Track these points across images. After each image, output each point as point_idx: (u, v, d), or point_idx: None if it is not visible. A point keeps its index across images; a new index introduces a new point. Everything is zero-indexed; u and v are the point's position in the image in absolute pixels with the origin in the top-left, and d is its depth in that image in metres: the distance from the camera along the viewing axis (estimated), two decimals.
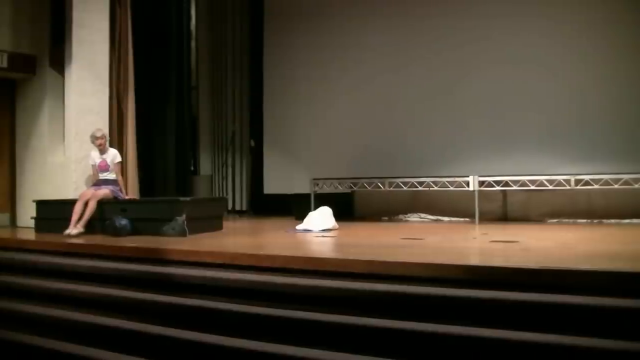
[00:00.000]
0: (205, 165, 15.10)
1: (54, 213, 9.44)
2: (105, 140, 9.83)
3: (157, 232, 8.58)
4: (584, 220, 10.66)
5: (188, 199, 9.64)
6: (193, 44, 15.01)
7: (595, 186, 10.10)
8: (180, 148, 13.79)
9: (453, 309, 4.73)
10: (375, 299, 5.05)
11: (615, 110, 10.26)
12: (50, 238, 8.38)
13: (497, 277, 4.88)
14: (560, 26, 10.71)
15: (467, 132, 11.37)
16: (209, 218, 9.47)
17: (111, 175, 9.66)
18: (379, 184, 11.64)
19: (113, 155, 9.76)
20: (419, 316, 4.72)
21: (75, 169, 10.34)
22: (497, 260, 5.70)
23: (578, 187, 10.21)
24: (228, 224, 10.20)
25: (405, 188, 11.47)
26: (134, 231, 8.67)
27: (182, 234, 8.49)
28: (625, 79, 10.23)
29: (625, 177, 9.84)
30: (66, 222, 8.83)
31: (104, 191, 9.30)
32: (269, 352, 4.89)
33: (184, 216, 8.59)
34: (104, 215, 8.99)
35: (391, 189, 11.58)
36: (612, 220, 10.38)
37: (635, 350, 4.02)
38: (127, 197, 9.87)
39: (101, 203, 9.09)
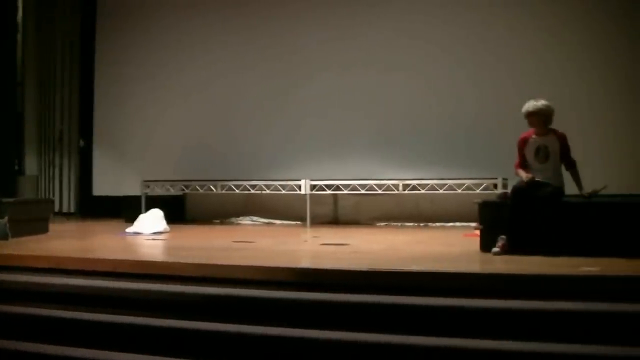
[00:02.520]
0: (31, 165, 14.47)
1: None
2: None
3: None
4: (412, 224, 11.03)
5: (10, 200, 9.21)
6: (19, 36, 14.36)
7: (422, 191, 10.49)
8: (3, 146, 13.14)
9: (283, 311, 4.79)
10: (205, 302, 5.04)
11: (443, 117, 10.67)
12: None
13: (327, 279, 4.98)
14: (393, 31, 11.04)
15: (301, 136, 11.52)
16: (34, 220, 9.06)
17: None
18: (211, 186, 11.59)
19: None
20: (250, 319, 4.74)
21: None
22: (327, 263, 5.82)
23: (406, 191, 10.58)
24: (55, 227, 9.82)
25: (237, 191, 11.47)
26: None
27: (4, 237, 8.07)
28: (456, 88, 10.66)
29: (450, 182, 10.29)
30: None
31: None
32: (96, 359, 4.77)
33: (6, 218, 8.20)
34: None
35: (223, 191, 11.56)
36: (438, 224, 10.81)
37: (460, 347, 4.21)
38: None
39: None
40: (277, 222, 11.89)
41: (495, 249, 6.17)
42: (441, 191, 10.38)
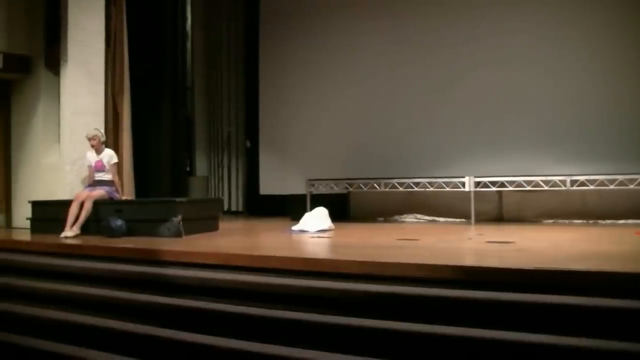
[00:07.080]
0: (201, 166, 15.08)
1: (49, 214, 9.42)
2: (98, 141, 9.60)
3: (153, 233, 8.54)
4: (580, 221, 10.66)
5: (184, 199, 9.63)
6: (188, 44, 14.99)
7: (591, 187, 10.10)
8: (176, 148, 13.73)
9: (447, 309, 4.73)
10: (369, 300, 5.05)
11: (610, 111, 10.29)
12: (45, 239, 8.36)
13: (491, 277, 4.88)
14: (556, 27, 10.74)
15: (463, 132, 11.38)
16: (205, 219, 9.45)
17: (107, 176, 9.56)
18: (375, 184, 11.63)
19: (109, 156, 9.67)
20: (413, 317, 4.72)
21: (69, 169, 10.27)
22: (492, 261, 5.69)
23: (574, 187, 10.22)
24: (224, 225, 10.19)
25: (401, 189, 11.46)
26: (129, 232, 8.64)
27: (178, 234, 8.45)
28: (622, 80, 10.26)
29: (621, 177, 9.85)
30: (61, 223, 8.79)
31: (99, 192, 9.24)
32: (263, 353, 4.89)
33: (179, 217, 8.55)
34: (99, 216, 8.96)
35: (387, 189, 11.57)
36: (608, 221, 10.38)
37: (626, 350, 4.03)
38: (122, 198, 9.81)
39: (96, 204, 9.05)
40: (441, 219, 11.80)
41: None
42: (612, 187, 9.94)
